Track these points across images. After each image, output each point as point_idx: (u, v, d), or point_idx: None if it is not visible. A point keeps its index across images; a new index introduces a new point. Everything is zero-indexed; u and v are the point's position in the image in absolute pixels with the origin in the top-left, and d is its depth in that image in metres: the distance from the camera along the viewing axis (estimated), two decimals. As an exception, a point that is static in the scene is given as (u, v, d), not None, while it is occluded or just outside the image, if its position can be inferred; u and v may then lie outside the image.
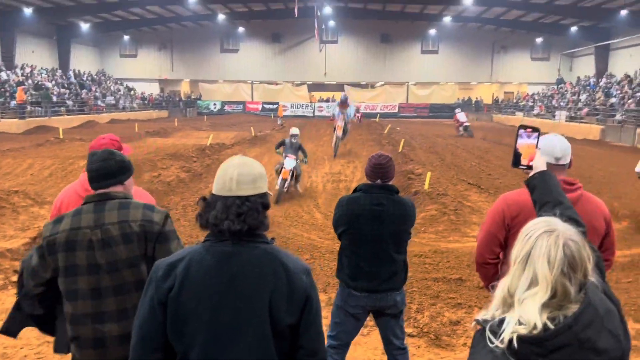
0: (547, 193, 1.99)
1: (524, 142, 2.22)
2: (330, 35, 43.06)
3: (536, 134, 2.22)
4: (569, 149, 2.50)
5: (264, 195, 1.78)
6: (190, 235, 7.60)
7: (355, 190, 3.42)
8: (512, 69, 43.28)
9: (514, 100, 42.81)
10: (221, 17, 37.61)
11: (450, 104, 43.19)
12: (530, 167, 2.16)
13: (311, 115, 41.52)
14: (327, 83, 44.25)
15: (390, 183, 3.41)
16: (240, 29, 42.97)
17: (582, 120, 28.85)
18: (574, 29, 35.56)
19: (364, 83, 45.24)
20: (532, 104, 38.07)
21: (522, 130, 2.23)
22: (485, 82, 44.50)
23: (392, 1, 33.38)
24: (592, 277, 1.40)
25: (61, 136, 19.98)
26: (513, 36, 41.21)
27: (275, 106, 39.58)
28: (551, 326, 1.32)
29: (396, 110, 42.77)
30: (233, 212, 1.70)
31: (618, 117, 25.62)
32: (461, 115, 25.66)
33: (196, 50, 44.02)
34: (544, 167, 2.12)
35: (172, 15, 37.86)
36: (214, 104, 44.50)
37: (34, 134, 23.24)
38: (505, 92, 45.51)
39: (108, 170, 2.38)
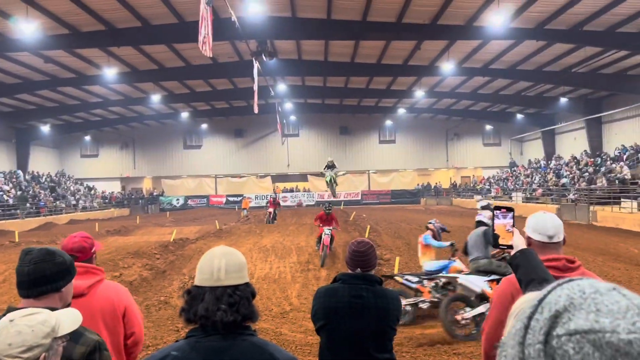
0: (531, 271, 2.00)
1: (501, 223, 2.25)
2: (292, 129, 44.45)
3: (511, 213, 2.27)
4: (561, 225, 2.36)
5: (249, 284, 1.74)
6: (154, 337, 7.22)
7: (334, 280, 3.16)
8: (466, 154, 45.26)
9: (471, 184, 44.32)
10: (184, 114, 38.39)
11: (411, 189, 44.55)
12: (510, 247, 2.19)
13: (275, 206, 41.72)
14: (290, 174, 44.98)
15: (372, 272, 3.13)
16: (204, 126, 43.90)
17: (538, 201, 29.96)
18: (520, 116, 37.90)
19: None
20: (488, 187, 39.47)
21: (497, 211, 2.27)
22: (442, 168, 46.17)
23: (349, 96, 35.01)
24: None
25: (17, 239, 19.23)
26: (464, 124, 43.48)
27: (239, 198, 39.68)
28: None
29: (359, 198, 43.60)
30: (225, 302, 1.63)
31: (571, 196, 26.76)
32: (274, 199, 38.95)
33: (159, 147, 44.43)
34: (524, 246, 2.15)
35: (134, 114, 38.36)
36: (177, 200, 44.26)
37: (-13, 238, 22.30)
38: (462, 177, 47.19)
39: (43, 274, 1.98)
